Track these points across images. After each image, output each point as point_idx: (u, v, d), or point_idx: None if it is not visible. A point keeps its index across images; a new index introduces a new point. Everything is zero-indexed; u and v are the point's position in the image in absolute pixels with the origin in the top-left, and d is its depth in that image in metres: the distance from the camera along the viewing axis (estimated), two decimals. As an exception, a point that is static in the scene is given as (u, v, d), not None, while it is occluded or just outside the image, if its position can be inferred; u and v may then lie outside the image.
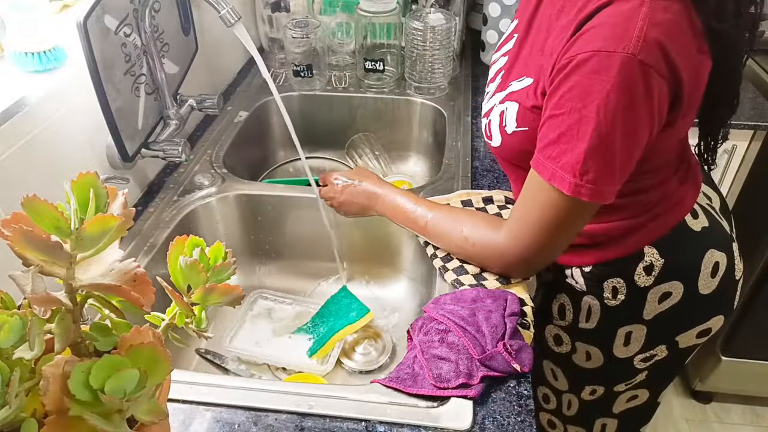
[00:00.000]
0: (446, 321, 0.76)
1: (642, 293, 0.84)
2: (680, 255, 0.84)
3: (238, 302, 0.54)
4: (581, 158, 0.67)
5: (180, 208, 1.03)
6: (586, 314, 0.89)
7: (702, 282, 0.85)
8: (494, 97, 0.84)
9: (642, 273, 0.83)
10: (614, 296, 0.86)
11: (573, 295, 0.90)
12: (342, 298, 1.08)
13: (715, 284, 0.86)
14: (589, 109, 0.65)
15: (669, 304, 0.85)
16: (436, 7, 1.34)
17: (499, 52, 0.90)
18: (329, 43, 1.46)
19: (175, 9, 1.08)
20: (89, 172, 0.45)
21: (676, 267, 0.83)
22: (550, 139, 0.69)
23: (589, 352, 0.92)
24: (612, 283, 0.85)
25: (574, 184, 0.68)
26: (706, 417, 1.86)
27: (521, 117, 0.77)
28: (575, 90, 0.66)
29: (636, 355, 0.90)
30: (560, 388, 1.01)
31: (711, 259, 0.84)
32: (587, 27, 0.66)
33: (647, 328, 0.87)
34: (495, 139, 0.83)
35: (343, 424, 0.68)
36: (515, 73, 0.81)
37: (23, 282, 0.42)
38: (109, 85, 0.87)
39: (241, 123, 1.28)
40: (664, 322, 0.87)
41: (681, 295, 0.84)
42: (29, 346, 0.43)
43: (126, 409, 0.42)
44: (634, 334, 0.88)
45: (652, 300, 0.85)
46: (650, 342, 0.89)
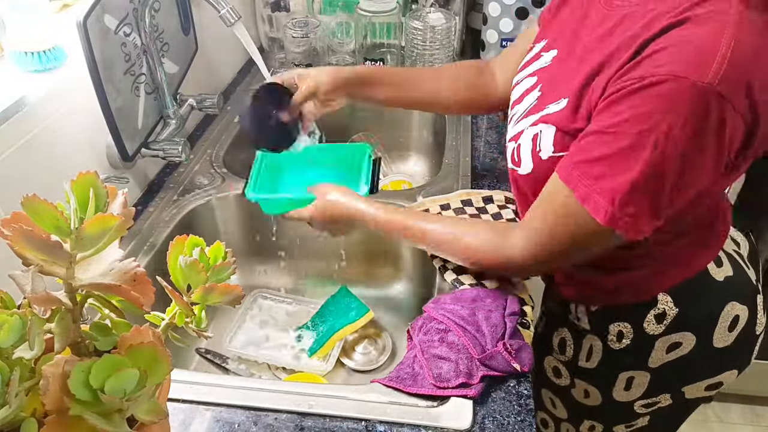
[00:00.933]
0: (446, 320, 0.76)
1: (650, 341, 0.78)
2: (697, 306, 0.77)
3: (237, 302, 0.54)
4: (626, 188, 0.59)
5: (180, 208, 1.03)
6: (587, 353, 0.84)
7: (717, 335, 0.78)
8: (524, 119, 0.75)
9: (652, 320, 0.77)
10: (619, 340, 0.80)
11: (575, 332, 0.85)
12: (342, 297, 1.08)
13: (732, 339, 0.79)
14: (647, 137, 0.57)
15: (677, 355, 0.78)
16: (436, 6, 1.34)
17: (523, 72, 0.81)
18: (329, 42, 1.46)
19: (175, 8, 1.08)
20: (89, 172, 0.45)
21: (691, 318, 0.77)
22: (593, 156, 0.62)
23: (587, 390, 0.88)
24: (618, 327, 0.79)
25: (611, 214, 0.61)
26: (706, 417, 1.86)
27: (559, 141, 0.69)
28: (635, 112, 0.58)
29: (637, 400, 0.85)
30: (559, 416, 0.97)
31: (731, 313, 0.77)
32: (656, 47, 0.58)
33: (651, 375, 0.81)
34: (525, 165, 0.74)
35: (343, 424, 0.68)
36: (553, 95, 0.71)
37: (23, 281, 0.42)
38: (109, 85, 0.87)
39: (241, 122, 1.28)
40: (670, 371, 0.80)
41: (692, 347, 0.78)
42: (29, 345, 0.43)
43: (126, 409, 0.42)
44: (637, 380, 0.82)
45: (659, 348, 0.78)
46: (653, 390, 0.83)
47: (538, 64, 0.79)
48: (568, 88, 0.68)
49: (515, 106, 0.80)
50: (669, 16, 0.59)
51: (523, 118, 0.75)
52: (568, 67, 0.72)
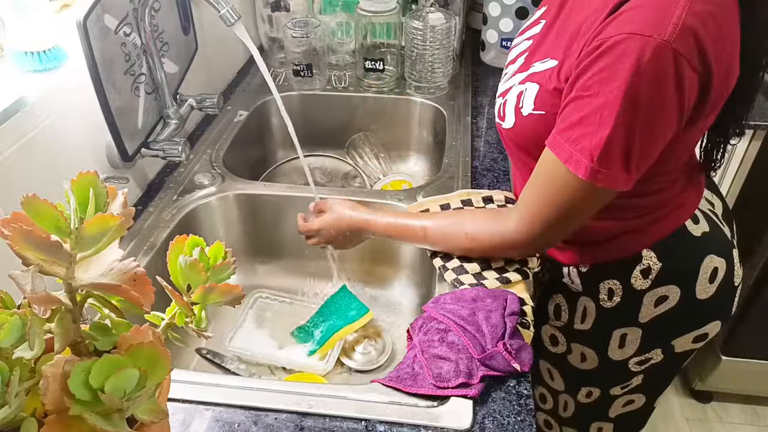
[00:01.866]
0: (446, 320, 0.76)
1: (638, 296, 0.84)
2: (679, 259, 0.83)
3: (237, 302, 0.54)
4: (601, 144, 0.64)
5: (180, 208, 1.03)
6: (581, 315, 0.89)
7: (700, 287, 0.84)
8: (514, 77, 0.81)
9: (639, 276, 0.82)
10: (610, 298, 0.85)
11: (569, 295, 0.90)
12: (342, 297, 1.08)
13: (713, 290, 0.85)
14: (615, 94, 0.62)
15: (665, 308, 0.84)
16: (436, 6, 1.34)
17: (522, 36, 0.87)
18: (329, 42, 1.46)
19: (175, 8, 1.08)
20: (89, 172, 0.45)
21: (674, 271, 0.83)
22: (572, 120, 0.67)
23: (584, 353, 0.92)
24: (608, 285, 0.85)
25: (590, 169, 0.66)
26: (706, 416, 1.86)
27: (540, 99, 0.75)
28: (604, 72, 0.63)
29: (631, 357, 0.90)
30: (556, 388, 1.01)
31: (710, 265, 0.83)
32: (623, 9, 0.64)
33: (642, 331, 0.86)
34: (508, 119, 0.80)
35: (343, 424, 0.68)
36: (539, 55, 0.78)
37: (23, 281, 0.42)
38: (109, 85, 0.87)
39: (241, 122, 1.28)
40: (659, 325, 0.86)
41: (678, 299, 0.83)
42: (29, 345, 0.43)
43: (126, 409, 0.42)
44: (629, 336, 0.87)
45: (648, 303, 0.84)
46: (646, 345, 0.88)
47: (534, 30, 0.84)
48: (551, 49, 0.75)
49: (509, 65, 0.86)
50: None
51: (512, 76, 0.82)
52: (553, 30, 0.78)
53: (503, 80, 0.85)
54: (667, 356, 0.90)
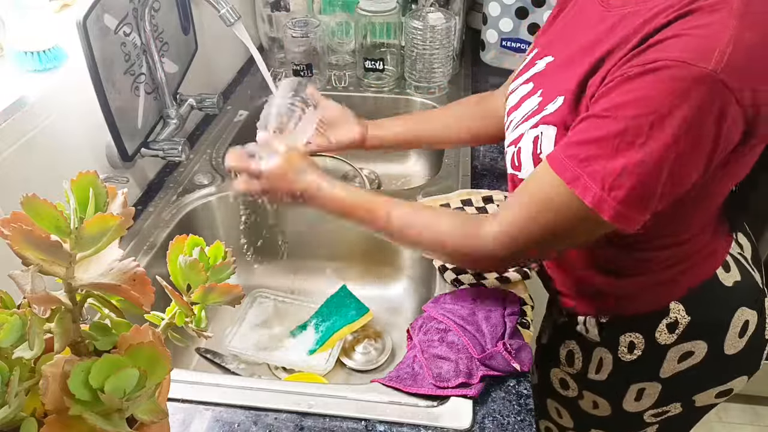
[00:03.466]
0: (446, 320, 0.76)
1: (661, 351, 0.77)
2: (708, 313, 0.76)
3: (237, 302, 0.54)
4: (616, 171, 0.58)
5: (180, 208, 1.03)
6: (596, 366, 0.83)
7: (729, 342, 0.77)
8: (523, 123, 0.73)
9: (664, 330, 0.76)
10: (630, 351, 0.78)
11: (584, 343, 0.83)
12: (341, 297, 1.08)
13: (743, 344, 0.78)
14: (643, 122, 0.56)
15: (689, 364, 0.78)
16: (436, 6, 1.34)
17: (518, 80, 0.80)
18: (329, 42, 1.46)
19: (175, 8, 1.08)
20: (89, 172, 0.45)
21: (703, 326, 0.76)
22: (583, 138, 0.60)
23: (596, 402, 0.86)
24: (629, 338, 0.78)
25: (599, 196, 0.59)
26: (707, 416, 1.86)
27: (560, 141, 0.66)
28: (632, 96, 0.57)
29: (647, 410, 0.84)
30: (564, 425, 0.95)
31: (741, 318, 0.77)
32: (660, 37, 0.57)
33: (662, 386, 0.80)
34: (525, 168, 0.72)
35: (342, 424, 0.68)
36: (547, 96, 0.71)
37: (23, 281, 0.42)
38: (109, 85, 0.87)
39: (241, 122, 1.28)
40: (681, 381, 0.80)
41: (704, 354, 0.77)
42: (29, 345, 0.43)
43: (126, 409, 0.42)
44: (648, 390, 0.81)
45: (671, 359, 0.77)
46: (664, 399, 0.82)
47: (533, 71, 0.78)
48: (564, 86, 0.68)
49: (512, 112, 0.78)
50: (674, 9, 0.59)
51: (522, 122, 0.74)
52: (564, 69, 0.71)
53: (510, 129, 0.77)
54: (686, 409, 0.84)
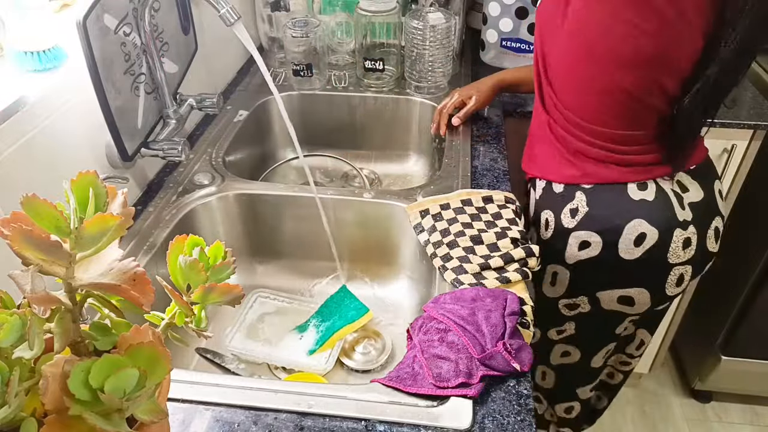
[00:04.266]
0: (446, 320, 0.76)
1: (565, 234, 0.91)
2: (604, 210, 0.89)
3: (237, 302, 0.54)
4: None
5: (180, 208, 1.03)
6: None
7: (622, 245, 0.89)
8: None
9: (567, 213, 0.90)
10: (546, 228, 0.94)
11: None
12: (341, 297, 1.08)
13: (639, 254, 0.89)
14: None
15: (588, 255, 0.91)
16: (436, 6, 1.34)
17: None
18: (329, 42, 1.46)
19: (175, 8, 1.08)
20: (89, 172, 0.45)
21: (598, 220, 0.89)
22: None
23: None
24: (545, 215, 0.94)
25: None
26: (706, 416, 1.86)
27: None
28: None
29: (561, 298, 0.97)
30: None
31: (636, 228, 0.88)
32: None
33: (570, 273, 0.94)
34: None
35: (342, 424, 0.68)
36: None
37: (23, 281, 0.42)
38: (109, 85, 0.87)
39: (241, 122, 1.28)
40: (584, 271, 0.92)
41: (599, 249, 0.90)
42: (29, 345, 0.43)
43: (125, 409, 0.42)
44: (560, 276, 0.95)
45: (573, 244, 0.91)
46: (573, 289, 0.95)
47: None
48: None
49: None
50: None
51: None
52: None
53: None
54: (594, 308, 0.96)
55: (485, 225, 0.92)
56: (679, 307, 1.72)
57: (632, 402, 1.90)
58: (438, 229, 0.93)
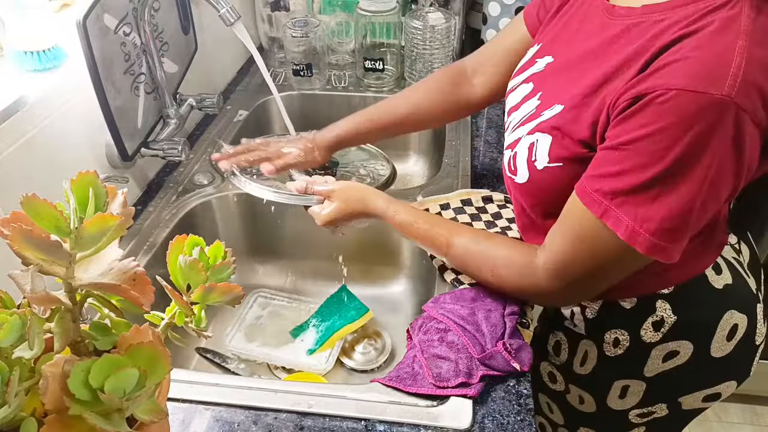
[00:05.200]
0: (446, 320, 0.76)
1: (646, 349, 0.77)
2: (695, 313, 0.75)
3: (237, 301, 0.53)
4: (645, 206, 0.58)
5: (179, 208, 1.03)
6: (581, 358, 0.83)
7: (716, 345, 0.77)
8: (521, 127, 0.73)
9: (650, 328, 0.75)
10: (615, 346, 0.78)
11: (571, 335, 0.83)
12: (341, 297, 1.08)
13: (731, 348, 0.78)
14: (665, 154, 0.56)
15: (674, 364, 0.77)
16: (436, 6, 1.34)
17: (518, 78, 0.80)
18: (329, 42, 1.46)
19: (175, 8, 1.08)
20: (88, 171, 0.44)
21: (689, 326, 0.75)
22: (608, 172, 0.60)
23: (581, 397, 0.86)
24: (614, 334, 0.78)
25: (631, 229, 0.59)
26: (706, 416, 1.86)
27: (554, 152, 0.68)
28: (650, 128, 0.57)
29: (632, 409, 0.83)
30: (556, 421, 0.95)
31: (729, 321, 0.76)
32: (668, 59, 0.57)
33: (647, 384, 0.80)
34: (521, 174, 0.73)
35: (342, 423, 0.68)
36: (545, 101, 0.71)
37: (23, 281, 0.42)
38: (109, 84, 0.87)
39: (241, 122, 1.28)
40: (666, 381, 0.79)
41: (689, 356, 0.76)
42: (29, 345, 0.43)
43: (125, 408, 0.42)
44: (632, 388, 0.81)
45: (655, 357, 0.77)
46: (649, 399, 0.81)
47: (532, 69, 0.77)
48: (564, 96, 0.68)
49: (512, 113, 0.78)
50: (679, 27, 0.58)
51: (519, 126, 0.74)
52: (565, 74, 0.71)
53: (509, 130, 0.78)
54: (673, 412, 0.83)
55: (485, 225, 0.92)
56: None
57: (632, 402, 1.90)
58: (438, 229, 0.92)
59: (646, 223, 0.59)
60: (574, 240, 0.66)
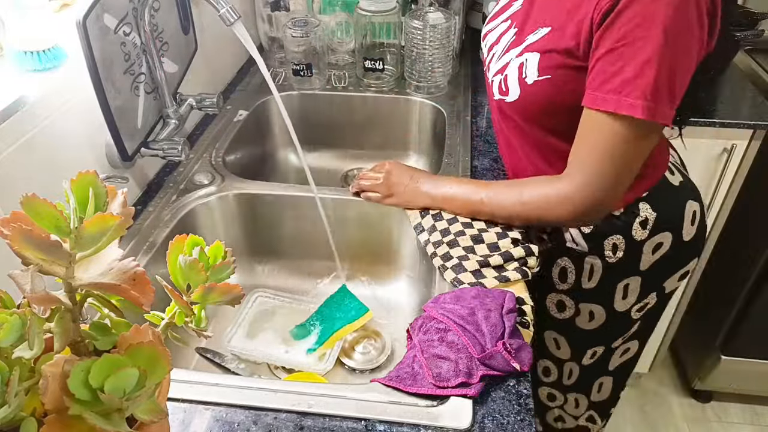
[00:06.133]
0: (446, 320, 0.76)
1: (638, 247, 0.90)
2: (668, 207, 0.90)
3: (237, 301, 0.54)
4: (651, 81, 0.68)
5: (179, 207, 1.03)
6: (588, 274, 0.94)
7: (685, 230, 0.92)
8: (507, 53, 0.84)
9: (638, 228, 0.89)
10: (614, 253, 0.91)
11: (574, 257, 0.94)
12: (342, 297, 1.08)
13: (694, 231, 0.94)
14: (655, 33, 0.67)
15: (660, 254, 0.92)
16: (436, 5, 1.34)
17: (495, 21, 0.93)
18: (329, 42, 1.46)
19: (175, 8, 1.08)
20: (88, 171, 0.45)
21: (666, 219, 0.90)
22: (611, 72, 0.71)
23: (592, 312, 0.97)
24: (612, 241, 0.90)
25: (647, 107, 0.69)
26: (706, 416, 1.86)
27: (543, 65, 0.78)
28: (637, 18, 0.68)
29: (633, 306, 0.96)
30: (562, 357, 1.05)
31: (690, 209, 0.93)
32: None
33: (642, 278, 0.93)
34: (512, 92, 0.83)
35: (342, 423, 0.68)
36: (529, 29, 0.82)
37: (23, 281, 0.42)
38: (109, 84, 0.87)
39: (241, 122, 1.28)
40: (655, 270, 0.93)
41: (670, 244, 0.91)
42: (29, 345, 0.43)
43: (125, 408, 0.42)
44: (631, 285, 0.94)
45: (647, 251, 0.91)
46: (644, 291, 0.95)
47: (510, 11, 0.90)
48: (548, 18, 0.79)
49: (493, 47, 0.90)
50: None
51: (504, 53, 0.85)
52: (541, 3, 0.83)
53: (493, 61, 0.88)
54: (659, 298, 0.98)
55: (485, 224, 0.92)
56: (679, 307, 1.73)
57: (632, 402, 1.90)
58: (438, 229, 0.93)
59: (657, 97, 0.69)
60: (593, 145, 0.75)
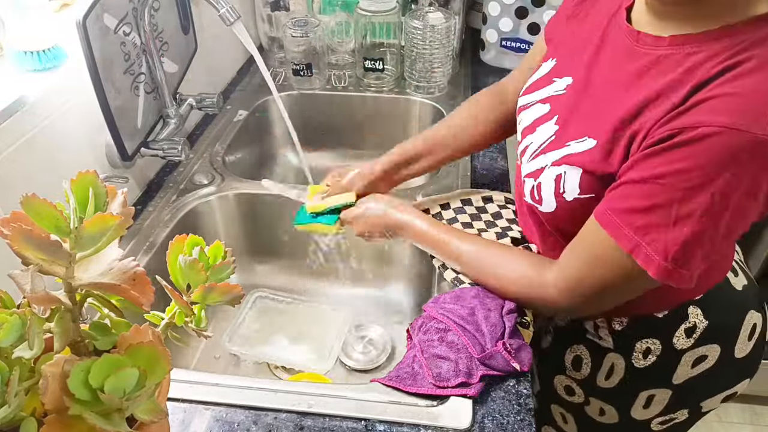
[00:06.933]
0: (446, 320, 0.76)
1: (677, 356, 0.76)
2: (723, 316, 0.76)
3: (237, 301, 0.54)
4: (679, 242, 0.57)
5: (179, 207, 1.03)
6: (606, 372, 0.81)
7: (739, 345, 0.77)
8: (543, 156, 0.71)
9: (682, 335, 0.75)
10: (645, 357, 0.77)
11: (594, 349, 0.81)
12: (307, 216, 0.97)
13: (750, 347, 0.79)
14: (702, 192, 0.55)
15: (702, 369, 0.77)
16: (436, 5, 1.34)
17: (533, 96, 0.78)
18: (329, 42, 1.46)
19: (175, 8, 1.08)
20: (88, 171, 0.45)
21: (718, 329, 0.75)
22: (637, 205, 0.59)
23: (603, 409, 0.84)
24: (646, 344, 0.76)
25: (663, 267, 0.59)
26: (705, 416, 1.86)
27: (585, 184, 0.66)
28: (686, 164, 0.55)
29: (655, 417, 0.82)
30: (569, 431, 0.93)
31: (750, 321, 0.77)
32: (707, 94, 0.55)
33: (673, 392, 0.79)
34: (547, 204, 0.71)
35: (342, 423, 0.68)
36: (573, 131, 0.69)
37: (23, 281, 0.42)
38: (109, 84, 0.87)
39: (241, 122, 1.28)
40: (692, 387, 0.79)
41: (716, 359, 0.77)
42: (29, 345, 0.43)
43: (125, 408, 0.42)
44: (657, 397, 0.80)
45: (685, 363, 0.76)
46: (673, 406, 0.81)
47: (550, 90, 0.76)
48: (594, 128, 0.66)
49: (527, 135, 0.76)
50: (716, 62, 0.57)
51: (541, 153, 0.72)
52: (589, 102, 0.69)
53: (527, 156, 0.75)
54: (692, 416, 0.84)
55: (485, 225, 0.92)
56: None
57: (632, 402, 1.90)
58: (438, 229, 0.92)
59: (679, 261, 0.58)
60: (592, 263, 0.65)
